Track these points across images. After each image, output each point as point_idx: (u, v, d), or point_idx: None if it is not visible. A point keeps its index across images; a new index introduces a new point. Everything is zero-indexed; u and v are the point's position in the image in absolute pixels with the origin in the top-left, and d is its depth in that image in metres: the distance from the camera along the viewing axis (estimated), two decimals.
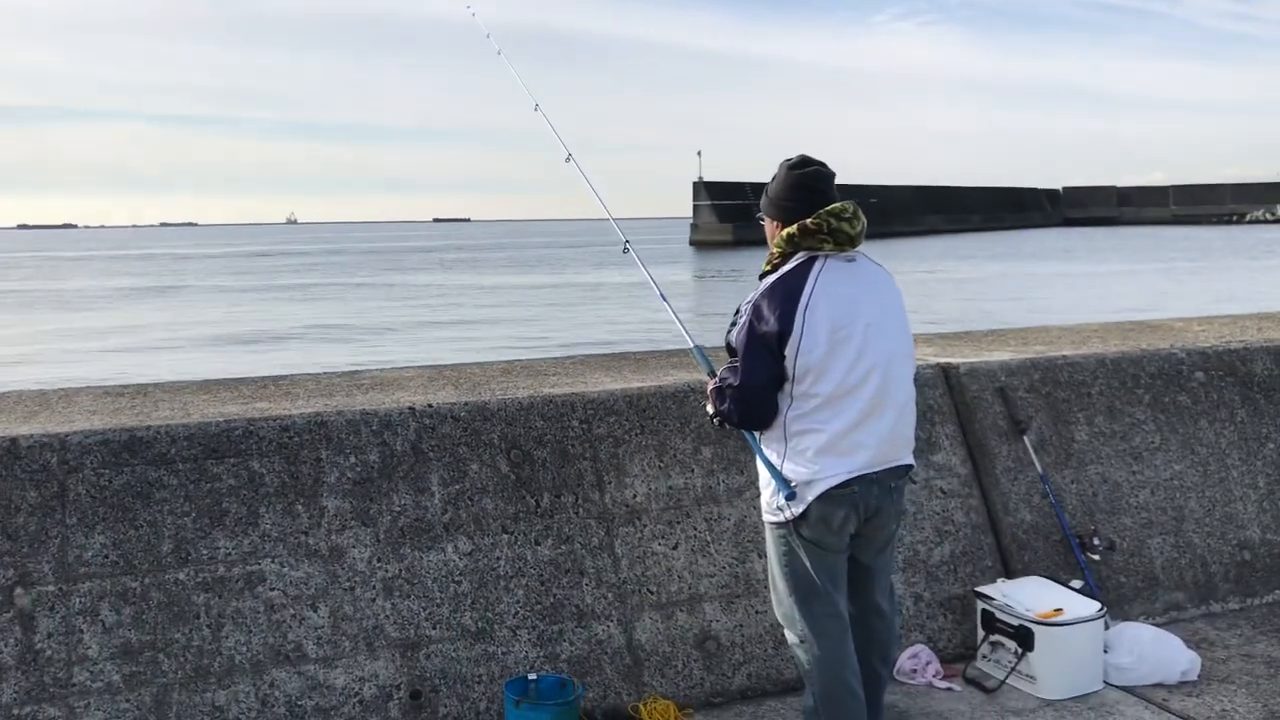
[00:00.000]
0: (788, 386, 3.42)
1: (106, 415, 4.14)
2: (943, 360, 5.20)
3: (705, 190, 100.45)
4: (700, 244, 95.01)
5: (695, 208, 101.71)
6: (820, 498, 3.40)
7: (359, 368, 5.41)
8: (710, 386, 3.63)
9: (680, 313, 4.15)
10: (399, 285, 55.02)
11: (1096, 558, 4.86)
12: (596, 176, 4.44)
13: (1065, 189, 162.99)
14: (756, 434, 3.55)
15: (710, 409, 3.64)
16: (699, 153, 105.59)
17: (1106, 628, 4.43)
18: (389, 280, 59.77)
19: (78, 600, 3.67)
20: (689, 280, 53.55)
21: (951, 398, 5.04)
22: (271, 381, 4.96)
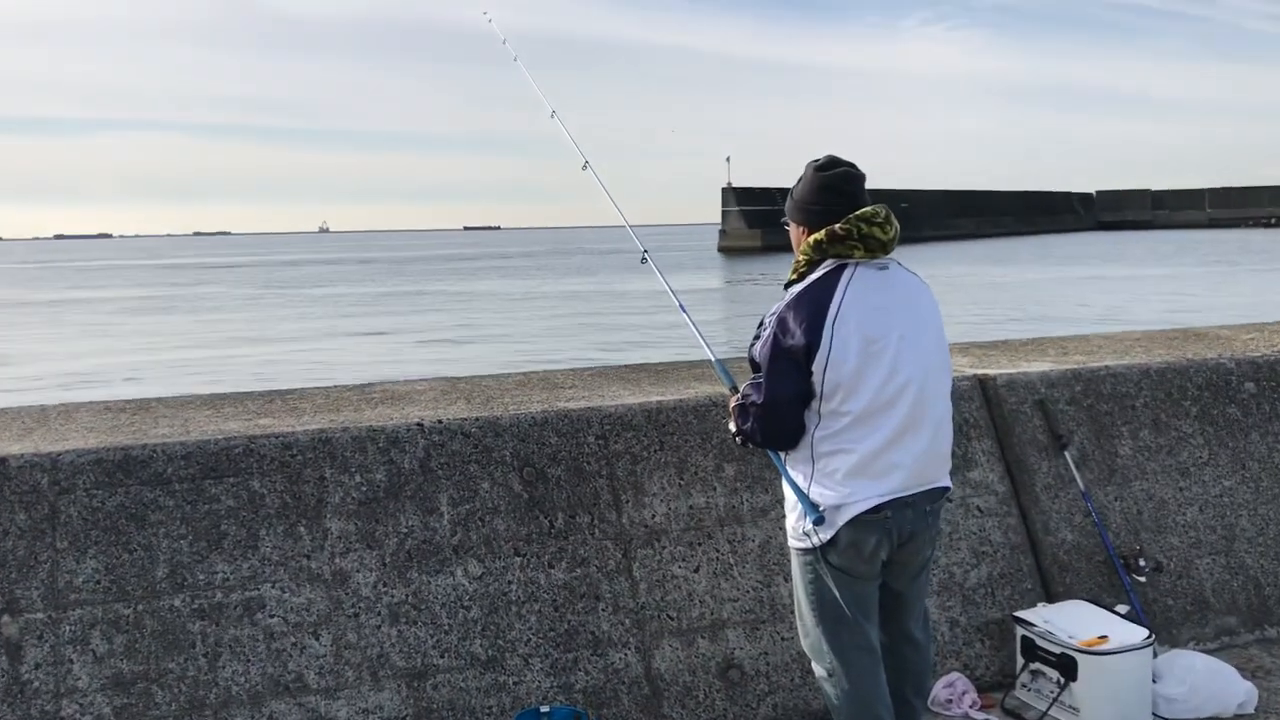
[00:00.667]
0: (815, 404, 3.19)
1: (103, 433, 3.98)
2: (979, 371, 4.97)
3: (734, 196, 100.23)
4: (729, 250, 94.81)
5: (724, 213, 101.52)
6: (850, 523, 3.18)
7: (370, 380, 5.22)
8: (732, 403, 3.41)
9: (710, 321, 3.95)
10: (452, 293, 54.98)
11: (1143, 580, 4.61)
12: (622, 183, 4.27)
13: (1098, 192, 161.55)
14: (782, 454, 3.33)
15: (732, 427, 3.42)
16: (728, 158, 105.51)
17: (1155, 656, 4.18)
18: (438, 288, 59.78)
19: (67, 628, 3.50)
20: (719, 287, 53.27)
21: (989, 411, 4.80)
22: (279, 396, 4.79)
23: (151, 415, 4.35)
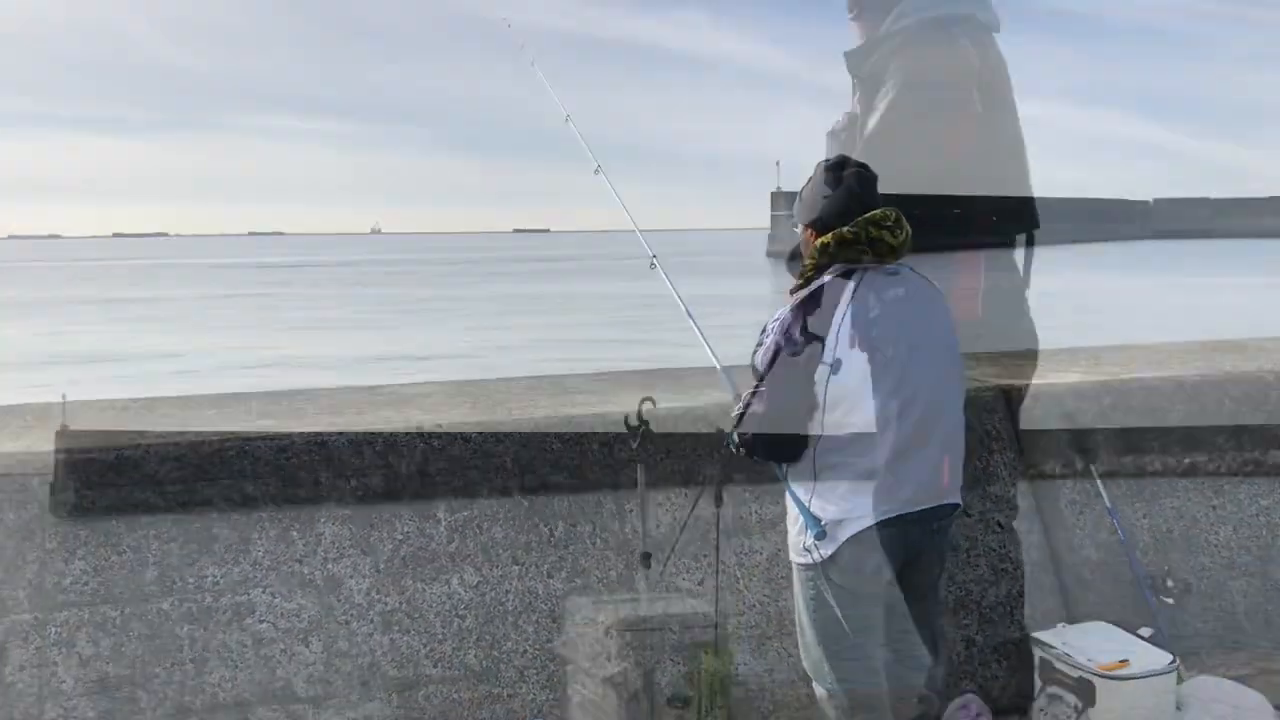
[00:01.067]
0: (818, 415, 3.07)
1: (100, 434, 3.94)
2: (1004, 382, 4.80)
3: (783, 200, 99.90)
4: (777, 254, 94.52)
5: (773, 218, 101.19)
6: (852, 539, 3.06)
7: (379, 383, 5.17)
8: (734, 412, 3.29)
9: (748, 324, 3.81)
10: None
11: (1170, 601, 4.42)
12: (670, 187, 4.16)
13: (1156, 200, 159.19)
14: (784, 466, 3.21)
15: (735, 437, 3.30)
16: (778, 163, 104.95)
17: (1179, 682, 4.00)
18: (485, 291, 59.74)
19: (53, 630, 3.47)
20: (768, 294, 52.82)
21: (1012, 423, 4.64)
22: (284, 397, 4.74)
23: (153, 414, 4.31)
